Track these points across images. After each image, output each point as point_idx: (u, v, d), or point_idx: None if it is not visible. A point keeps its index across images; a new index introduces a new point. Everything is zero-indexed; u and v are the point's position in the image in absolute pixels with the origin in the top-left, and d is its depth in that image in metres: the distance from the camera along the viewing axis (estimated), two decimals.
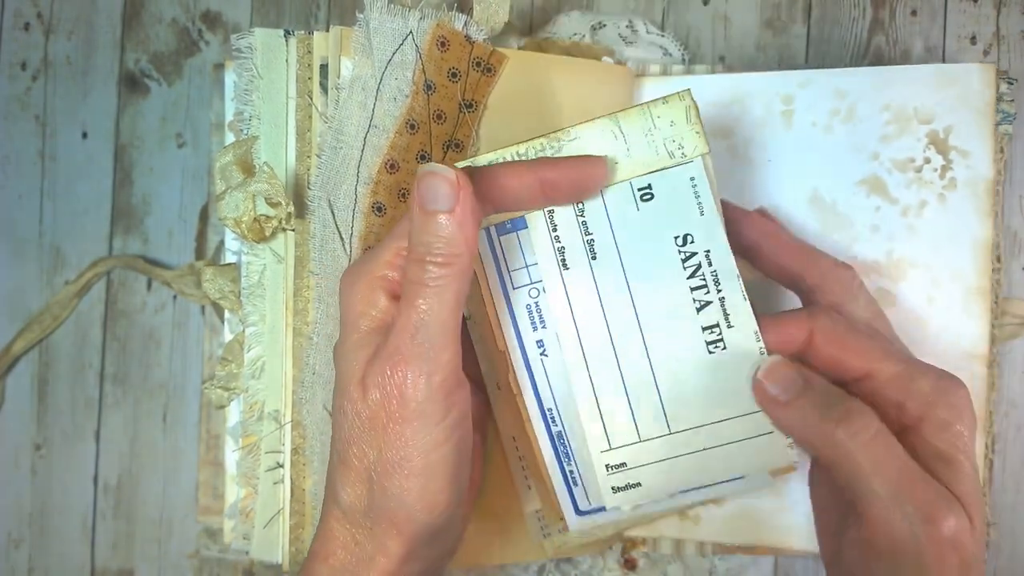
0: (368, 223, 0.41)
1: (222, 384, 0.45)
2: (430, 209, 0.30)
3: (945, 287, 0.43)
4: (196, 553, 0.49)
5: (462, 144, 0.42)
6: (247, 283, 0.44)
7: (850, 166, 0.44)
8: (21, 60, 0.50)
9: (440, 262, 0.30)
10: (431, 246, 0.30)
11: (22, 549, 0.49)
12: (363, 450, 0.32)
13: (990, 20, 0.47)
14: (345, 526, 0.33)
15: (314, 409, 0.42)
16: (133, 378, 0.49)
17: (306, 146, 0.43)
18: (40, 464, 0.49)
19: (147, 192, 0.50)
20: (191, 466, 0.48)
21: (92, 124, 0.50)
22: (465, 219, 0.30)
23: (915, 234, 0.43)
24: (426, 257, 0.30)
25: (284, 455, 0.44)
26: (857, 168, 0.44)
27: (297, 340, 0.43)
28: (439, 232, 0.30)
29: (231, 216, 0.43)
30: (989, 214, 0.43)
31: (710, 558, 0.47)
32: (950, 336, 0.43)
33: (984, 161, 0.43)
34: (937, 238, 0.43)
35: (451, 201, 0.30)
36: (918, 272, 0.43)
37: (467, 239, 0.31)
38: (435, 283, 0.30)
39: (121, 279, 0.50)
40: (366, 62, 0.40)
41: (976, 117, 0.43)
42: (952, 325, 0.43)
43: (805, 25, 0.48)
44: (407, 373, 0.31)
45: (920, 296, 0.43)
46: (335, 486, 0.33)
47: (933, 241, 0.43)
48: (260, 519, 0.44)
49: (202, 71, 0.50)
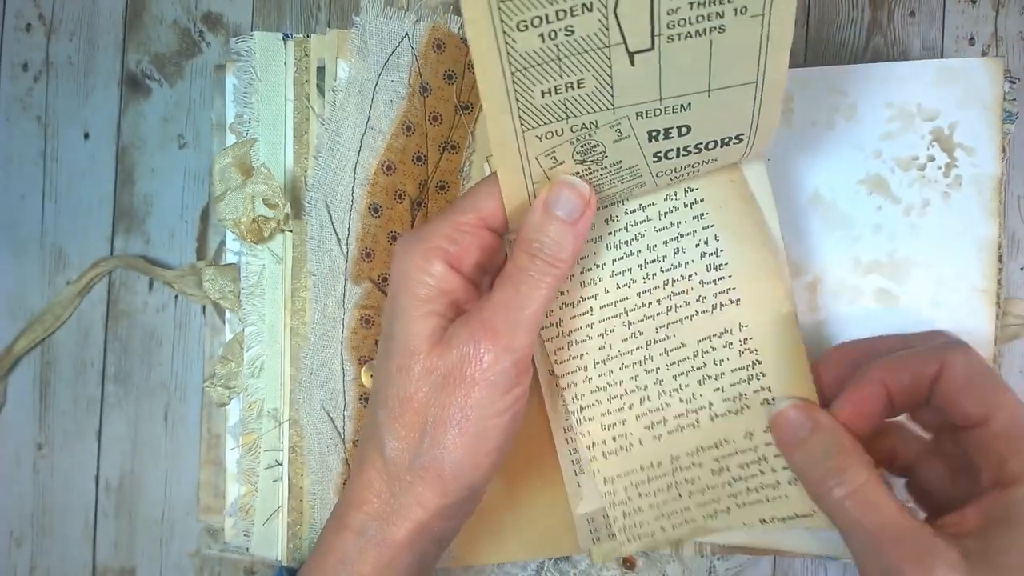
0: (365, 224, 0.41)
1: (222, 382, 0.45)
2: (555, 213, 0.33)
3: (949, 288, 0.42)
4: (197, 552, 0.49)
5: (458, 145, 0.42)
6: (246, 283, 0.44)
7: (851, 165, 0.43)
8: (23, 61, 0.50)
9: (547, 260, 0.33)
10: (544, 244, 0.33)
11: (24, 548, 0.49)
12: (425, 404, 0.34)
13: (989, 21, 0.46)
14: (384, 477, 0.35)
15: (311, 409, 0.43)
16: (134, 378, 0.50)
17: (303, 148, 0.43)
18: (42, 463, 0.50)
19: (148, 192, 0.50)
20: (192, 465, 0.49)
21: (94, 125, 0.50)
22: (580, 233, 0.34)
23: (918, 234, 0.43)
24: (537, 252, 0.33)
25: (283, 453, 0.44)
26: (858, 167, 0.43)
27: (295, 340, 0.43)
28: (554, 236, 0.33)
29: (230, 217, 0.43)
30: (995, 213, 0.42)
31: (709, 558, 0.47)
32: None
33: (990, 158, 0.42)
34: (941, 237, 0.43)
35: (576, 214, 0.33)
36: (921, 272, 0.43)
37: (574, 251, 0.34)
38: (537, 275, 0.33)
39: (123, 279, 0.50)
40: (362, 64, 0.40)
41: (982, 113, 0.42)
42: (957, 327, 0.42)
43: (803, 26, 0.47)
44: (492, 343, 0.33)
45: (923, 297, 0.43)
46: (381, 439, 0.35)
47: (937, 241, 0.43)
48: (260, 516, 0.44)
49: (203, 72, 0.50)
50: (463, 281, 0.34)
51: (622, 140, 0.33)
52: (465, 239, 0.34)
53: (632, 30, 0.29)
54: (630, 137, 0.33)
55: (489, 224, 0.34)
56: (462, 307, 0.35)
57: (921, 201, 0.43)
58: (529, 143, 0.32)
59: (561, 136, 0.32)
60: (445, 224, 0.34)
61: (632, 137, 0.33)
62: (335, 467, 0.43)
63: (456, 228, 0.34)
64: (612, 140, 0.33)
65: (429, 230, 0.35)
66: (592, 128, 0.32)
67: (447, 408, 0.33)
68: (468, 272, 0.35)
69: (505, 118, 0.31)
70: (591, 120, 0.32)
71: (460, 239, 0.34)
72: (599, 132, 0.33)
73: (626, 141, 0.33)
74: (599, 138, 0.33)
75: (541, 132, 0.32)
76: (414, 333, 0.34)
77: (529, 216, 0.34)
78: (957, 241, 0.43)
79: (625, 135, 0.33)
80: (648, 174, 0.36)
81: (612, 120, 0.32)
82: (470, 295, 0.35)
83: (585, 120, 0.32)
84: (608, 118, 0.32)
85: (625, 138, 0.33)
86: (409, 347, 0.34)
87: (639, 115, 0.32)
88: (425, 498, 0.34)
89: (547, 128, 0.32)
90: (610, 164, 0.34)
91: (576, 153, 0.33)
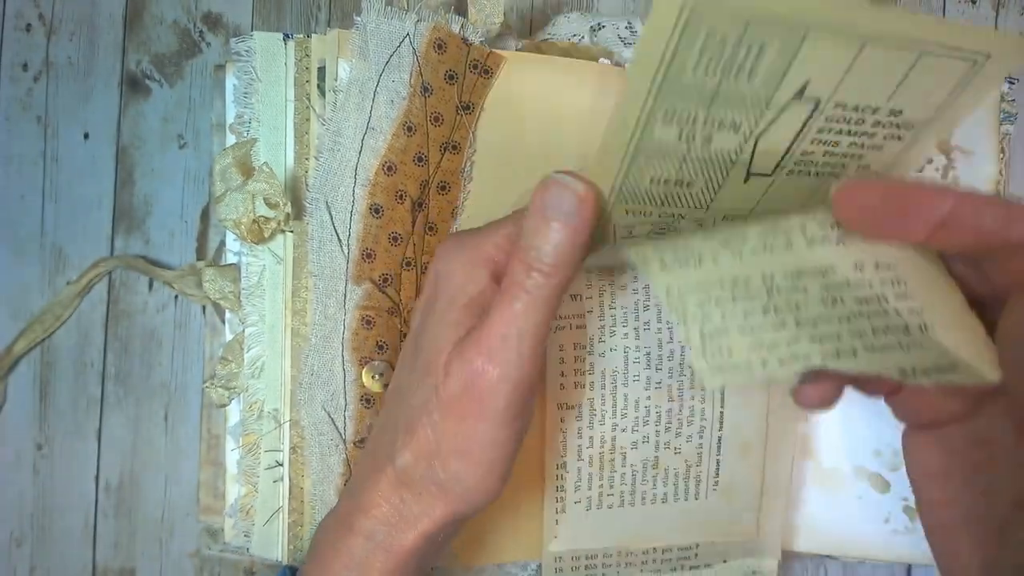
0: (366, 224, 0.41)
1: (222, 383, 0.45)
2: (549, 216, 0.30)
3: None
4: (197, 552, 0.49)
5: (459, 146, 0.42)
6: (247, 284, 0.44)
7: None
8: (23, 61, 0.50)
9: (545, 271, 0.30)
10: (541, 252, 0.30)
11: (24, 548, 0.49)
12: (432, 426, 0.33)
13: (989, 21, 0.47)
14: (395, 486, 0.34)
15: (312, 410, 0.43)
16: (134, 378, 0.50)
17: (304, 148, 0.43)
18: (42, 463, 0.50)
19: (149, 193, 0.50)
20: (192, 465, 0.49)
21: (94, 125, 0.50)
22: (579, 234, 0.30)
23: None
24: (532, 262, 0.30)
25: (283, 454, 0.44)
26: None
27: (296, 340, 0.43)
28: (551, 240, 0.30)
29: (230, 218, 0.43)
30: None
31: None
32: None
33: (987, 160, 0.42)
34: None
35: (571, 215, 0.30)
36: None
37: (576, 256, 0.31)
38: (534, 290, 0.30)
39: (123, 279, 0.50)
40: (363, 65, 0.41)
41: (980, 116, 0.42)
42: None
43: None
44: (491, 373, 0.31)
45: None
46: (394, 449, 0.34)
47: None
48: (260, 517, 0.44)
49: (203, 72, 0.50)
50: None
51: (699, 231, 0.32)
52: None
53: (762, 158, 0.29)
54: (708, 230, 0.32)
55: None
56: None
57: None
58: (615, 211, 0.31)
59: (647, 217, 0.32)
60: (497, 234, 0.33)
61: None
62: (336, 468, 0.43)
63: (507, 239, 0.33)
64: (690, 231, 0.32)
65: (480, 237, 0.34)
66: (678, 219, 0.32)
67: (453, 438, 0.33)
68: None
69: (606, 183, 0.30)
70: (682, 213, 0.31)
71: (509, 250, 0.33)
72: (683, 223, 0.32)
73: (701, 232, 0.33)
74: (680, 227, 0.32)
75: (631, 208, 0.31)
76: (439, 344, 0.33)
77: (525, 222, 0.31)
78: None
79: (703, 228, 0.32)
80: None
81: (700, 217, 0.32)
82: None
83: (677, 211, 0.31)
84: (698, 215, 0.32)
85: (702, 230, 0.32)
86: (431, 361, 0.33)
87: (725, 218, 0.32)
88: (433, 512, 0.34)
89: (639, 207, 0.31)
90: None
91: (652, 233, 0.33)
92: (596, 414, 0.39)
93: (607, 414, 0.39)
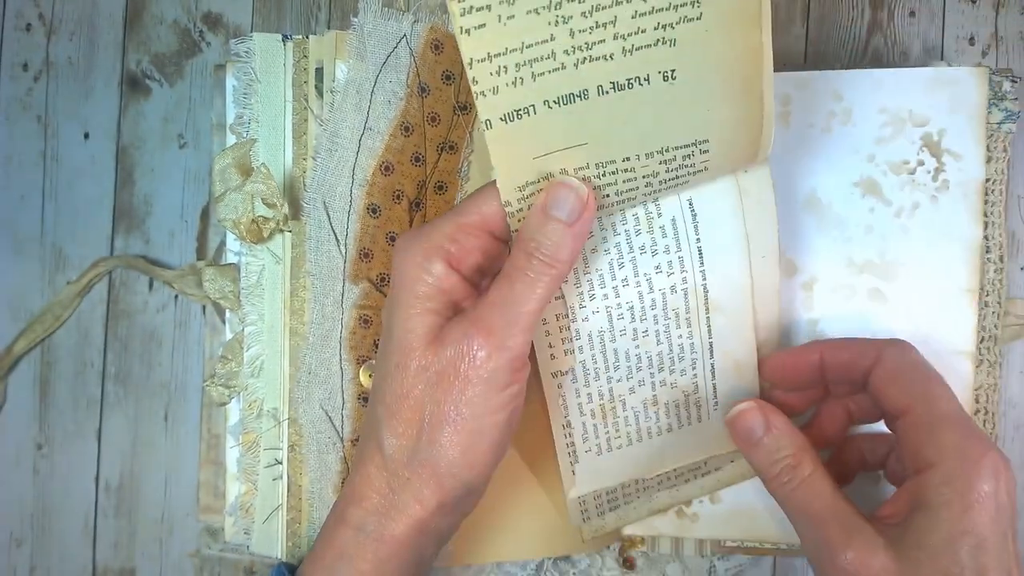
0: (363, 224, 0.41)
1: (222, 382, 0.45)
2: (553, 215, 0.33)
3: (936, 287, 0.43)
4: (197, 552, 0.49)
5: (456, 146, 0.42)
6: (246, 283, 0.45)
7: (846, 167, 0.44)
8: (23, 61, 0.50)
9: (544, 260, 0.33)
10: (542, 244, 0.33)
11: (24, 548, 0.50)
12: (421, 401, 0.34)
13: (989, 21, 0.47)
14: (383, 474, 0.35)
15: (310, 408, 0.43)
16: (134, 378, 0.50)
17: (302, 149, 0.43)
18: (42, 463, 0.50)
19: (148, 192, 0.50)
20: (192, 465, 0.49)
21: (94, 125, 0.50)
22: (579, 235, 0.34)
23: (907, 235, 0.44)
24: (534, 252, 0.33)
25: (282, 452, 0.44)
26: (853, 169, 0.44)
27: (294, 339, 0.43)
28: (552, 236, 0.33)
29: (230, 218, 0.43)
30: (980, 216, 0.43)
31: (709, 558, 0.47)
32: (939, 334, 0.43)
33: (975, 164, 0.43)
34: (929, 239, 0.44)
35: (574, 215, 0.33)
36: (909, 272, 0.44)
37: (573, 252, 0.34)
38: (533, 275, 0.33)
39: (123, 279, 0.50)
40: (360, 65, 0.41)
41: (968, 121, 0.43)
42: (942, 324, 0.43)
43: (804, 26, 0.47)
44: (486, 340, 0.33)
45: (911, 295, 0.44)
46: (380, 436, 0.35)
47: (925, 241, 0.44)
48: (260, 514, 0.44)
49: (203, 72, 0.50)
50: (462, 281, 0.35)
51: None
52: (467, 240, 0.34)
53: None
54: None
55: (491, 227, 0.35)
56: (460, 307, 0.35)
57: (911, 204, 0.44)
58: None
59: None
60: (447, 224, 0.34)
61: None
62: (334, 466, 0.43)
63: (458, 229, 0.34)
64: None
65: (430, 229, 0.35)
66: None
67: (442, 406, 0.34)
68: (468, 273, 0.35)
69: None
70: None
71: (461, 240, 0.34)
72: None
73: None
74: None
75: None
76: (411, 330, 0.34)
77: (528, 217, 0.34)
78: (944, 242, 0.44)
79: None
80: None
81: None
82: (469, 296, 0.35)
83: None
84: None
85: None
86: (406, 344, 0.34)
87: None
88: (423, 496, 0.34)
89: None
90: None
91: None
92: (590, 372, 0.40)
93: (600, 370, 0.40)
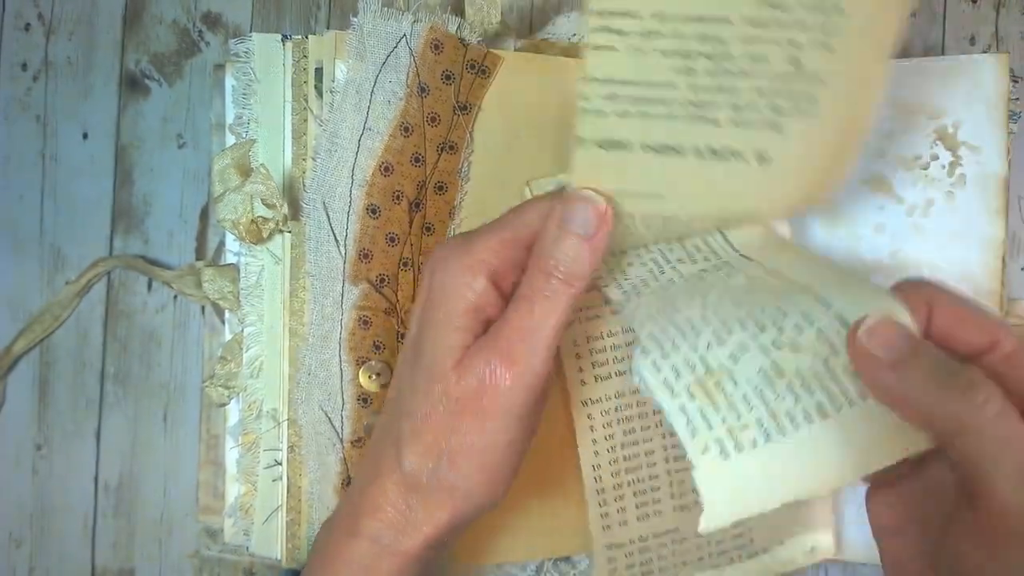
0: (363, 225, 0.41)
1: (222, 382, 0.45)
2: (570, 229, 0.32)
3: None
4: (196, 553, 0.49)
5: (456, 146, 0.42)
6: (245, 284, 0.44)
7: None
8: (22, 60, 0.50)
9: (562, 279, 0.32)
10: (560, 262, 0.32)
11: (23, 549, 0.49)
12: (444, 428, 0.33)
13: (989, 21, 0.46)
14: (401, 489, 0.34)
15: (309, 409, 0.43)
16: (134, 378, 0.50)
17: (302, 149, 0.43)
18: (41, 464, 0.50)
19: (148, 192, 0.50)
20: (191, 466, 0.49)
21: (93, 124, 0.50)
22: (597, 249, 0.32)
23: (921, 234, 0.42)
24: (552, 271, 0.32)
25: (282, 453, 0.44)
26: (861, 166, 0.42)
27: (293, 340, 0.43)
28: (570, 253, 0.32)
29: (229, 218, 0.43)
30: (1000, 212, 0.42)
31: None
32: None
33: (996, 156, 0.41)
34: (944, 237, 0.42)
35: (592, 229, 0.32)
36: (924, 273, 0.42)
37: (590, 267, 0.32)
38: (552, 296, 0.32)
39: (122, 279, 0.50)
40: (360, 66, 0.40)
41: (988, 110, 0.41)
42: None
43: None
44: (507, 373, 0.32)
45: None
46: (400, 452, 0.34)
47: (940, 241, 0.42)
48: (259, 515, 0.44)
49: (203, 72, 0.50)
50: (499, 299, 0.34)
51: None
52: (510, 255, 0.33)
53: None
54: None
55: (531, 244, 0.34)
56: (491, 323, 0.34)
57: (924, 201, 0.42)
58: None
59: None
60: (491, 238, 0.34)
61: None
62: (333, 467, 0.43)
63: (503, 244, 0.33)
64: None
65: (475, 242, 0.34)
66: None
67: (464, 435, 0.33)
68: (506, 290, 0.34)
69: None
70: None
71: (505, 255, 0.33)
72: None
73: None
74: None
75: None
76: (444, 348, 0.33)
77: (543, 233, 0.33)
78: (960, 241, 0.42)
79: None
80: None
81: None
82: (500, 311, 0.34)
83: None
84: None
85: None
86: (435, 366, 0.34)
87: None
88: (437, 516, 0.34)
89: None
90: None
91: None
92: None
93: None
